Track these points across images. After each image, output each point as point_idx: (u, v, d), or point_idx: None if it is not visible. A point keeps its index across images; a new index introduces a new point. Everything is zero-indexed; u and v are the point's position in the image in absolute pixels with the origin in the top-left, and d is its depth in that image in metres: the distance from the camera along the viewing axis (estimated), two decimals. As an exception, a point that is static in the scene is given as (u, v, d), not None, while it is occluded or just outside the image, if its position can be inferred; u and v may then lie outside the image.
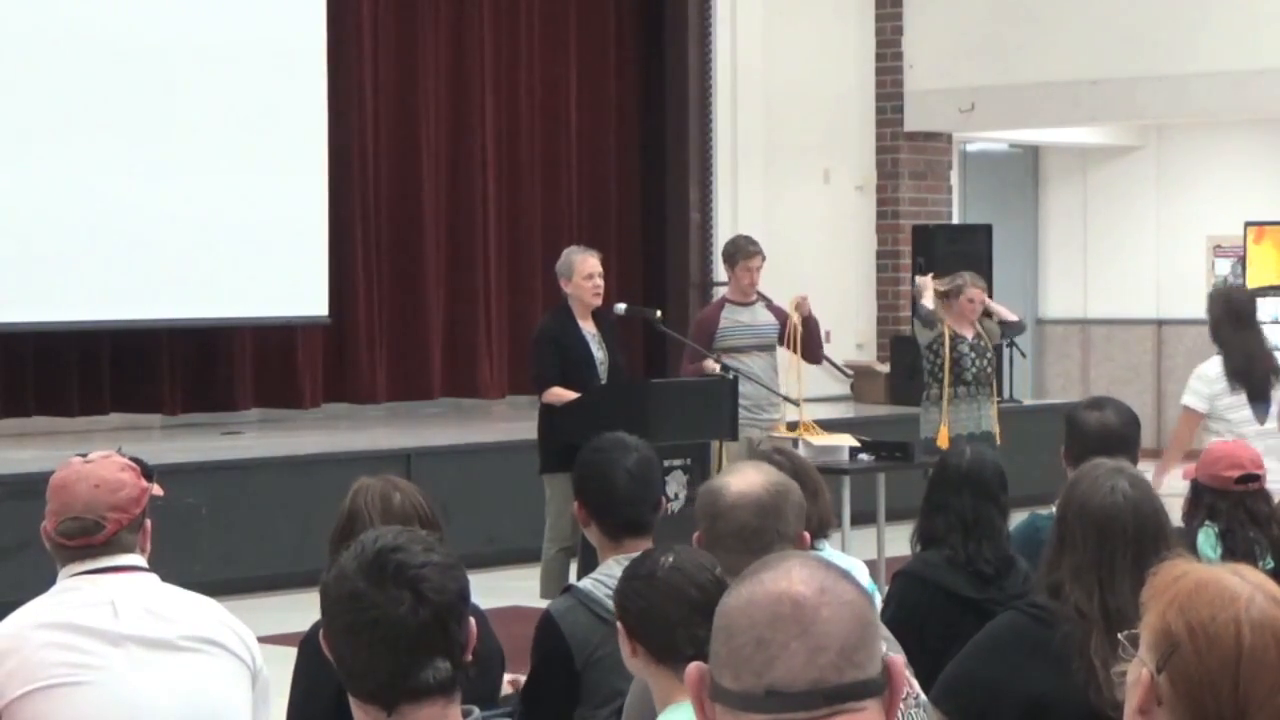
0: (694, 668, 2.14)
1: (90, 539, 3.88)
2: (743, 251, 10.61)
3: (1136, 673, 2.23)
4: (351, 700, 2.97)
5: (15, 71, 11.88)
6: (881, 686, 2.10)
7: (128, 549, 3.93)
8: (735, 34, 15.60)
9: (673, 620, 3.45)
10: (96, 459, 4.00)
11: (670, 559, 3.57)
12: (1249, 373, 8.36)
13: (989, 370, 10.85)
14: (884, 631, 3.43)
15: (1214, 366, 8.47)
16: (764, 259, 10.67)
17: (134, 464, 4.01)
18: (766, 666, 2.06)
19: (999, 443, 10.67)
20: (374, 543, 2.93)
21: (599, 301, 9.53)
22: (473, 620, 3.01)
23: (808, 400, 10.94)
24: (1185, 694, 2.17)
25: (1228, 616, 2.18)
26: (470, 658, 2.96)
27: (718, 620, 2.12)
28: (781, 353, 10.80)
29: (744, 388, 10.24)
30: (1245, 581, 2.22)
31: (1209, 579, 2.22)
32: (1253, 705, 2.15)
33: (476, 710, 3.02)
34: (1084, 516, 4.12)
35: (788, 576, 2.11)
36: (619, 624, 3.53)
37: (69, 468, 3.98)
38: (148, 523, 3.99)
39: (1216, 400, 8.42)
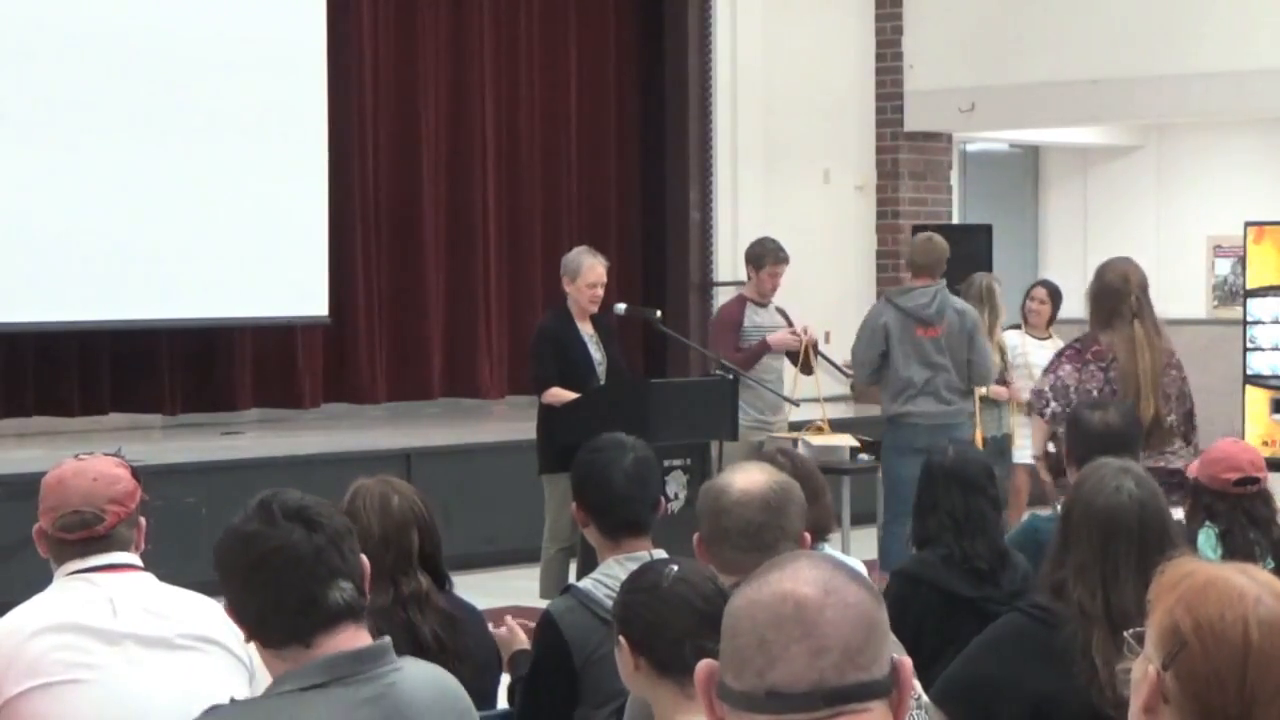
0: (704, 665, 2.13)
1: (92, 530, 3.88)
2: (771, 257, 10.54)
3: (1142, 670, 2.22)
4: (266, 657, 3.11)
5: (14, 72, 11.87)
6: (888, 688, 2.09)
7: (125, 545, 3.93)
8: (735, 34, 15.60)
9: (679, 633, 3.38)
10: (87, 458, 4.01)
11: (674, 570, 3.52)
12: None
13: (1005, 375, 10.85)
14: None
15: None
16: (788, 265, 10.64)
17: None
18: (768, 667, 2.06)
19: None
20: (254, 499, 3.13)
21: (595, 309, 9.53)
22: (365, 559, 3.18)
23: (807, 400, 10.95)
24: (1191, 692, 2.16)
25: (1236, 615, 2.17)
26: (366, 586, 3.16)
27: (725, 619, 2.11)
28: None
29: (756, 391, 10.24)
30: (1253, 581, 2.21)
31: (1217, 577, 2.21)
32: (1259, 704, 2.15)
33: (387, 638, 3.16)
34: (1089, 515, 4.12)
35: (794, 577, 2.10)
36: (620, 638, 3.46)
37: (62, 466, 3.99)
38: (142, 520, 4.00)
39: None
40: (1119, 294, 7.55)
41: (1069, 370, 7.54)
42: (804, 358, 10.44)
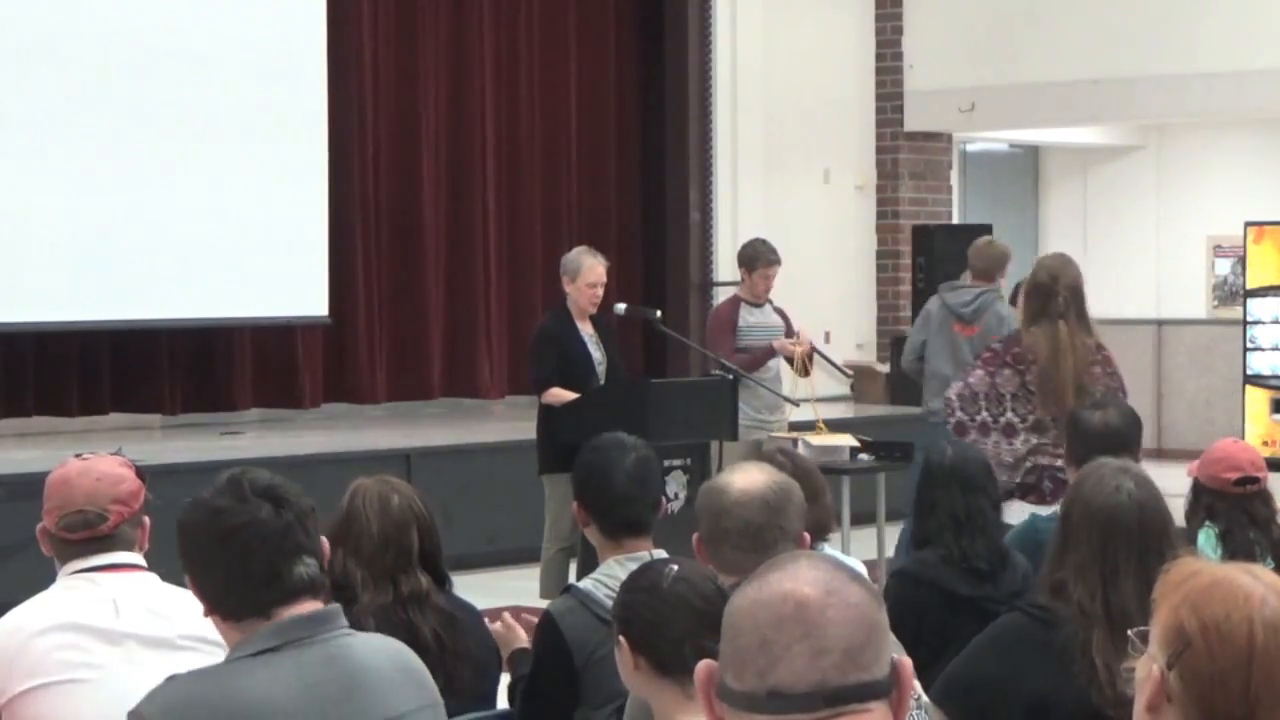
0: (704, 665, 2.13)
1: (94, 530, 3.88)
2: (763, 259, 10.54)
3: (1146, 669, 2.22)
4: (225, 629, 3.17)
5: (15, 72, 11.87)
6: (888, 688, 2.09)
7: (129, 545, 3.93)
8: (735, 34, 15.60)
9: (680, 632, 3.37)
10: (92, 457, 4.02)
11: (674, 570, 3.52)
12: None
13: None
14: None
15: None
16: (780, 266, 10.63)
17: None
18: (769, 668, 2.06)
19: None
20: (224, 476, 3.23)
21: (595, 309, 9.53)
22: (325, 540, 3.26)
23: (806, 400, 10.95)
24: (1195, 691, 2.16)
25: (1241, 615, 2.17)
26: (325, 564, 3.24)
27: (726, 619, 2.11)
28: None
29: (754, 390, 10.24)
30: (1259, 581, 2.21)
31: (1223, 578, 2.21)
32: (1263, 705, 2.15)
33: (337, 604, 3.23)
34: (1089, 515, 4.12)
35: (795, 577, 2.10)
36: (620, 638, 3.45)
37: (66, 465, 3.99)
38: (146, 520, 4.00)
39: None
40: (1047, 291, 7.62)
41: (980, 376, 7.58)
42: (799, 360, 10.44)
